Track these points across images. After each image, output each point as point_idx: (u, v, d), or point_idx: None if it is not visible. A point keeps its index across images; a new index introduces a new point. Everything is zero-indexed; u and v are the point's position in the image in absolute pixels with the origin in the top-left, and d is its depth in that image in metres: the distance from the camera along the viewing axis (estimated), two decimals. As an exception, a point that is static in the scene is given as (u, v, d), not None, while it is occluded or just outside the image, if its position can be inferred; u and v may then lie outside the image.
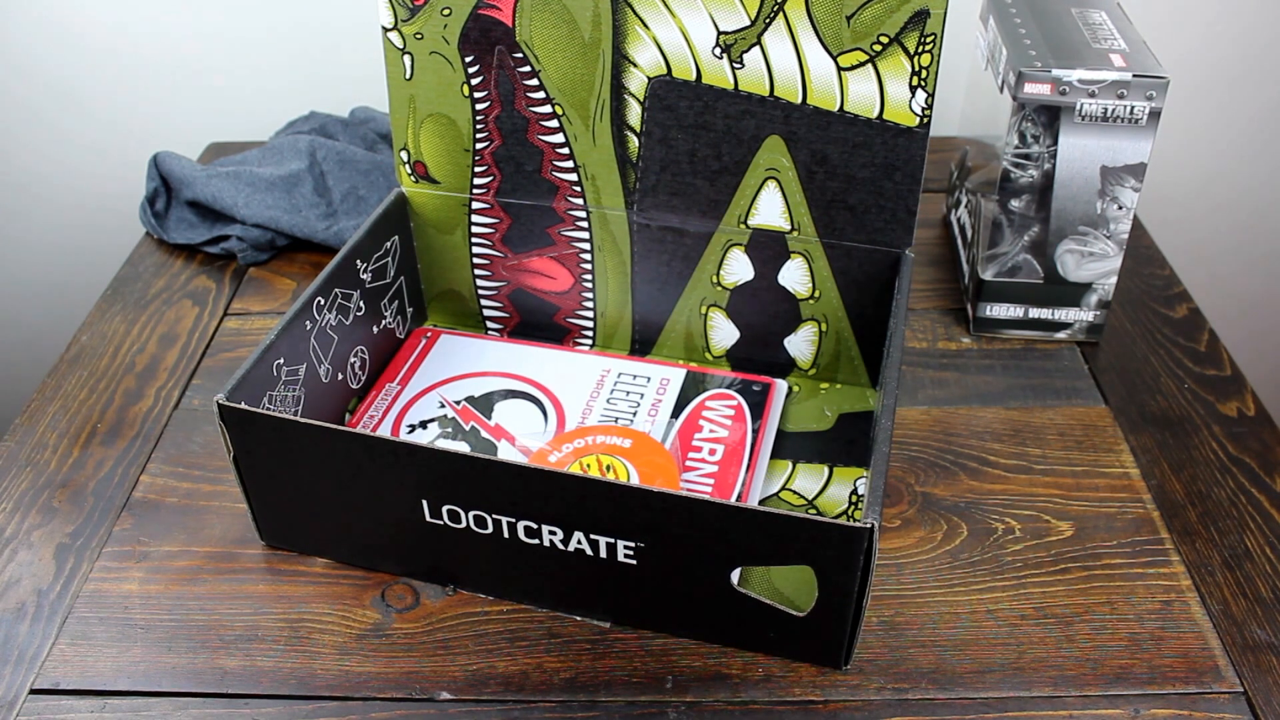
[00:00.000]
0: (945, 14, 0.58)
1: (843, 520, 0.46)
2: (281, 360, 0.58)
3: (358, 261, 0.66)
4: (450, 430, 0.65)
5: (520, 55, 0.64)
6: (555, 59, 0.64)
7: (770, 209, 0.65)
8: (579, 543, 0.51)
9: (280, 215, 0.84)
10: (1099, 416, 0.69)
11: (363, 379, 0.68)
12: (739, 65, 0.61)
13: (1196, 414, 0.69)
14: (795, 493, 0.62)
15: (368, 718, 0.51)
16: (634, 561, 0.51)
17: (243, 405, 0.53)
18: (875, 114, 0.61)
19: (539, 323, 0.74)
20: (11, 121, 1.05)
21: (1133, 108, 0.65)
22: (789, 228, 0.66)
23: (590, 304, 0.72)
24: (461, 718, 0.51)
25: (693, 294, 0.70)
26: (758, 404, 0.67)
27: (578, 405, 0.67)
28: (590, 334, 0.74)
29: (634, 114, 0.64)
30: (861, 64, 0.60)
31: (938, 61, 0.59)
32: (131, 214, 1.06)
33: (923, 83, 0.60)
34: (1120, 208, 0.69)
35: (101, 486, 0.64)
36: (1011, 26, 0.72)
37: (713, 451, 0.63)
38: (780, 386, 0.69)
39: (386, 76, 0.67)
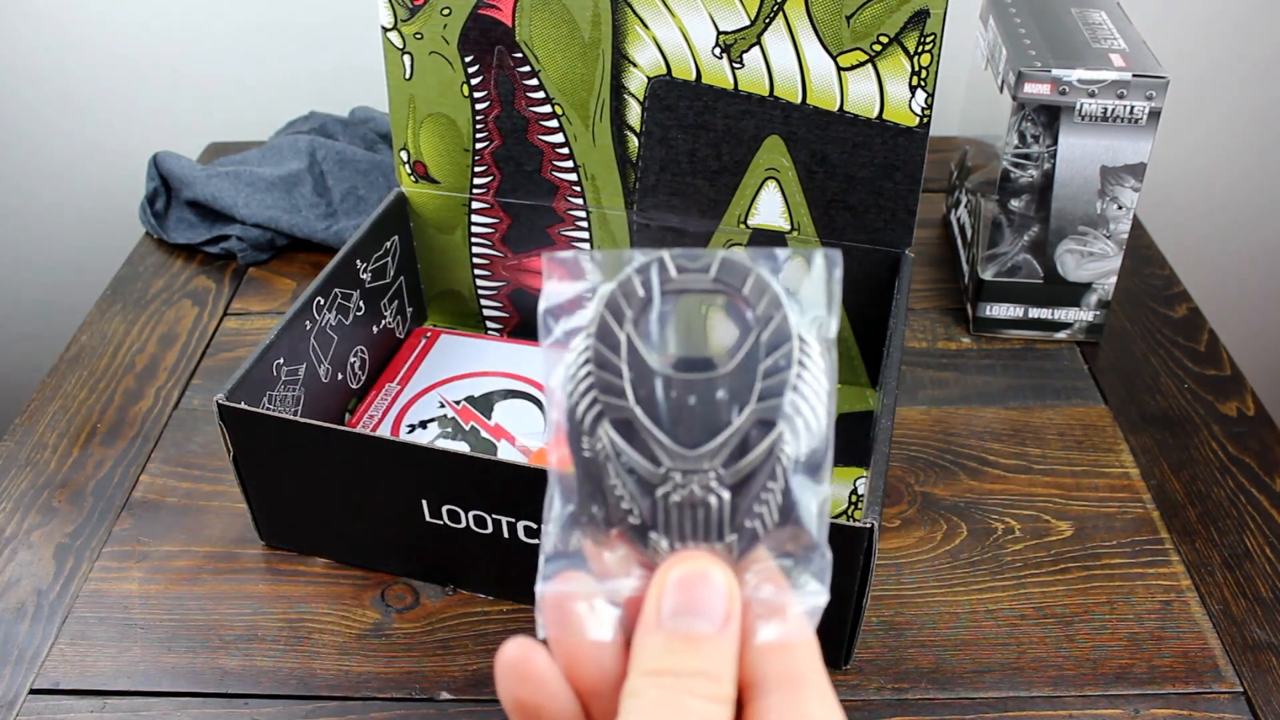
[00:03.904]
0: (945, 14, 0.58)
1: (843, 520, 0.46)
2: (281, 360, 0.58)
3: (358, 261, 0.66)
4: (450, 430, 0.65)
5: (520, 55, 0.64)
6: (555, 59, 0.64)
7: (770, 209, 0.65)
8: (579, 543, 0.51)
9: (280, 215, 0.84)
10: (1099, 416, 0.69)
11: (363, 379, 0.68)
12: (739, 65, 0.61)
13: (1196, 414, 0.69)
14: (795, 493, 0.62)
15: (368, 718, 0.51)
16: (634, 561, 0.51)
17: (243, 405, 0.53)
18: (875, 114, 0.61)
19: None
20: (12, 121, 1.05)
21: (1132, 108, 0.65)
22: (789, 227, 0.66)
23: (590, 304, 0.72)
24: (461, 718, 0.51)
25: (693, 294, 0.70)
26: (758, 404, 0.66)
27: (578, 405, 0.67)
28: (590, 334, 0.74)
29: (634, 114, 0.64)
30: (861, 64, 0.60)
31: (938, 61, 0.59)
32: (131, 214, 1.06)
33: (922, 83, 0.59)
34: (1120, 207, 0.69)
35: (101, 486, 0.64)
36: (1011, 26, 0.72)
37: (712, 451, 0.63)
38: (780, 386, 0.68)
39: (386, 76, 0.67)
